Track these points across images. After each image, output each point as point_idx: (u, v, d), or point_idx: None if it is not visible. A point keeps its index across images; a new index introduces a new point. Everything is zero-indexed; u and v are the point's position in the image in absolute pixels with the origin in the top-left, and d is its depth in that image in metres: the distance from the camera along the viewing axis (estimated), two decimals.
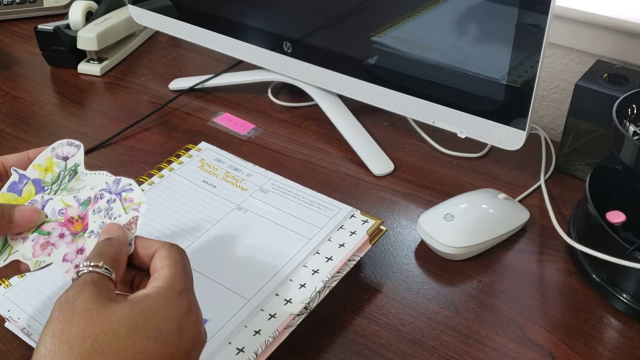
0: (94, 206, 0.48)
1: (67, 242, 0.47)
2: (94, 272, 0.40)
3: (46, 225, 0.47)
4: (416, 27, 0.69)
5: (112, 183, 0.48)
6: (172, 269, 0.41)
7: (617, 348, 0.56)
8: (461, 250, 0.63)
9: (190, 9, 0.90)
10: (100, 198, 0.48)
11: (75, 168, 0.50)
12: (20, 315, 0.55)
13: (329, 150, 0.82)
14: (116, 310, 0.37)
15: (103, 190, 0.48)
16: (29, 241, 0.47)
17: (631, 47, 0.78)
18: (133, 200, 0.47)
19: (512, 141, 0.67)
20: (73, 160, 0.50)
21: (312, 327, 0.57)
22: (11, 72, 1.01)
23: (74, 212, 0.48)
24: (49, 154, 0.51)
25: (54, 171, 0.50)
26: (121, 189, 0.48)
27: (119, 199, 0.48)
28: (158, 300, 0.39)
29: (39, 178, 0.50)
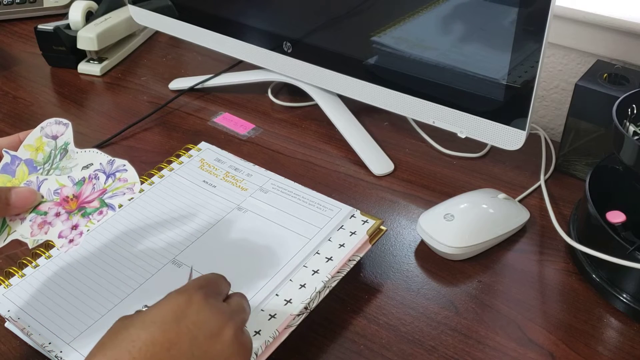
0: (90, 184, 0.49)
1: (63, 220, 0.48)
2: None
3: (42, 205, 0.48)
4: (416, 27, 0.69)
5: (107, 163, 0.49)
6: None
7: (617, 348, 0.56)
8: (461, 250, 0.63)
9: (190, 9, 0.90)
10: (95, 178, 0.49)
11: (66, 146, 0.51)
12: (20, 315, 0.55)
13: (329, 150, 0.82)
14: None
15: (97, 171, 0.49)
16: (27, 221, 0.48)
17: (631, 47, 0.78)
18: (127, 180, 0.49)
19: (512, 141, 0.67)
20: (63, 139, 0.51)
21: (312, 327, 0.57)
22: (11, 72, 1.01)
23: (68, 191, 0.49)
24: (38, 133, 0.51)
25: (45, 150, 0.51)
26: (115, 169, 0.49)
27: (113, 179, 0.49)
28: (158, 302, 0.42)
29: (30, 158, 0.50)
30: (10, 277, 0.59)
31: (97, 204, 0.48)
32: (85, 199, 0.49)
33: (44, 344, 0.53)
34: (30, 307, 0.56)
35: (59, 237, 0.47)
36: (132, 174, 0.49)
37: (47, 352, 0.53)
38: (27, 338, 0.55)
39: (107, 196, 0.48)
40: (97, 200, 0.49)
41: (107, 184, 0.49)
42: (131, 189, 0.48)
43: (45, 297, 0.57)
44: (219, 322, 0.42)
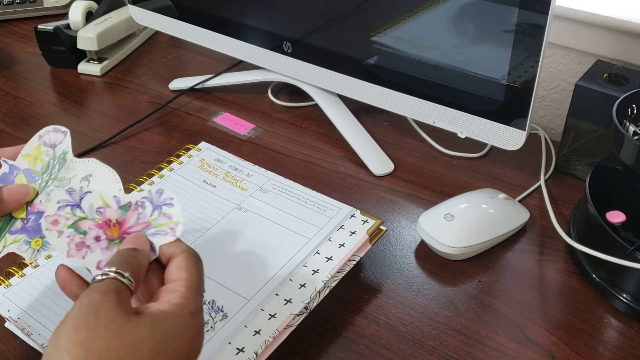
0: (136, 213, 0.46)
1: (102, 248, 0.45)
2: (118, 279, 0.40)
3: (83, 222, 0.45)
4: (416, 27, 0.69)
5: (155, 192, 0.46)
6: (187, 282, 0.41)
7: (617, 348, 0.56)
8: (461, 250, 0.63)
9: (190, 9, 0.90)
10: (142, 207, 0.46)
11: (64, 156, 0.49)
12: (20, 315, 0.55)
13: (329, 150, 0.82)
14: (139, 326, 0.37)
15: (145, 199, 0.46)
16: (64, 237, 0.45)
17: (631, 47, 0.78)
18: (172, 218, 0.45)
19: (512, 141, 0.67)
20: (61, 148, 0.50)
21: (312, 327, 0.57)
22: (11, 72, 1.01)
23: (112, 214, 0.46)
24: (36, 142, 0.50)
25: (43, 160, 0.49)
26: (162, 202, 0.46)
27: (159, 212, 0.46)
28: (175, 321, 0.39)
29: (29, 168, 0.49)
30: (10, 277, 0.59)
31: None
32: (128, 229, 0.46)
33: (44, 344, 0.53)
34: (30, 307, 0.56)
35: (97, 268, 0.45)
36: (177, 211, 0.46)
37: None
38: (27, 338, 0.55)
39: (150, 232, 0.45)
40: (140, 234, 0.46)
41: (152, 217, 0.46)
42: (173, 230, 0.45)
43: (45, 297, 0.57)
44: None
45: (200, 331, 0.41)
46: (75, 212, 0.45)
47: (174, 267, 0.43)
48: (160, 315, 0.39)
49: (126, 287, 0.40)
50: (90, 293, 0.38)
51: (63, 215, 0.45)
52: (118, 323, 0.37)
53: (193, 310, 0.41)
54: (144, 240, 0.44)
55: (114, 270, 0.40)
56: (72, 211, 0.45)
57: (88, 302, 0.38)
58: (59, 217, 0.45)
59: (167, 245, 0.44)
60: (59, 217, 0.45)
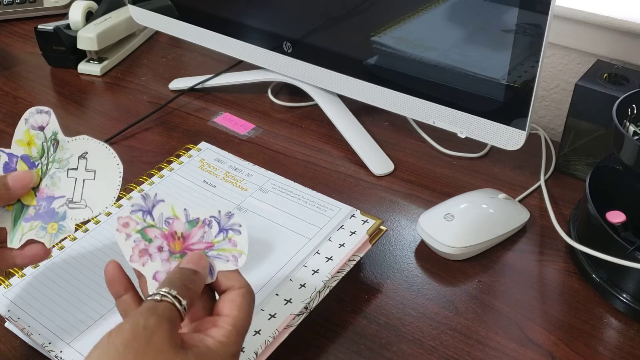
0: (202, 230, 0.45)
1: (163, 259, 0.45)
2: (175, 306, 0.39)
3: (150, 230, 0.45)
4: (416, 27, 0.69)
5: (224, 215, 0.45)
6: (236, 322, 0.41)
7: (617, 348, 0.56)
8: (461, 250, 0.63)
9: (190, 9, 0.90)
10: (208, 226, 0.46)
11: (55, 136, 0.50)
12: (20, 315, 0.55)
13: (329, 150, 0.82)
14: None
15: (213, 218, 0.45)
16: (131, 241, 0.45)
17: (631, 47, 0.78)
18: (236, 246, 0.45)
19: (512, 141, 0.67)
20: (50, 129, 0.50)
21: (312, 327, 0.57)
22: (11, 72, 1.01)
23: (179, 226, 0.45)
24: (24, 126, 0.51)
25: (37, 144, 0.50)
26: (230, 226, 0.45)
27: (224, 236, 0.45)
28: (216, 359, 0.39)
29: (25, 154, 0.50)
30: (10, 277, 0.59)
31: None
32: (192, 245, 0.45)
33: (44, 344, 0.53)
34: (30, 307, 0.56)
35: (153, 278, 0.45)
36: (243, 240, 0.45)
37: (47, 352, 0.53)
38: (27, 338, 0.55)
39: (212, 254, 0.45)
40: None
41: (217, 239, 0.45)
42: (236, 259, 0.44)
43: (45, 297, 0.57)
44: None
45: None
46: (145, 219, 0.45)
47: (228, 300, 0.42)
48: (205, 351, 0.39)
49: (179, 315, 0.40)
50: (147, 315, 0.38)
51: (134, 220, 0.45)
52: (167, 355, 0.37)
53: (235, 352, 0.40)
54: (206, 264, 0.44)
55: (174, 294, 0.40)
56: (143, 217, 0.45)
57: (144, 325, 0.37)
58: (130, 220, 0.45)
59: (227, 275, 0.44)
60: (130, 220, 0.45)
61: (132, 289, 0.45)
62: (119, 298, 0.45)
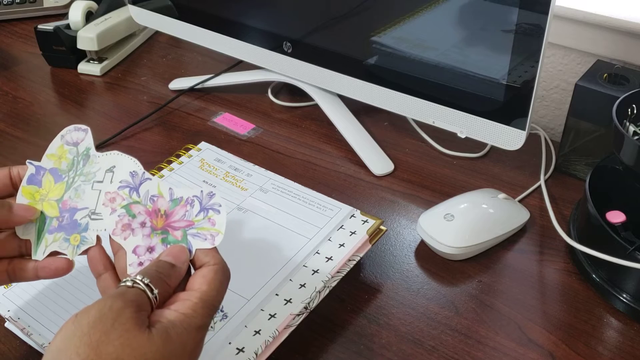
0: (184, 209, 0.47)
1: (145, 235, 0.46)
2: (145, 293, 0.40)
3: (135, 206, 0.47)
4: (416, 27, 0.69)
5: (206, 195, 0.47)
6: (203, 295, 0.41)
7: (617, 348, 0.56)
8: (461, 250, 0.63)
9: (190, 9, 0.90)
10: (191, 205, 0.47)
11: (87, 152, 0.50)
12: (21, 315, 0.55)
13: (329, 150, 0.82)
14: (150, 341, 0.38)
15: (195, 197, 0.47)
16: (115, 215, 0.47)
17: (631, 47, 0.78)
18: (214, 225, 0.46)
19: (512, 141, 0.67)
20: (84, 145, 0.50)
21: (312, 327, 0.57)
22: (11, 72, 1.01)
23: (163, 204, 0.47)
24: (59, 142, 0.51)
25: (68, 158, 0.50)
26: (211, 205, 0.47)
27: (205, 215, 0.46)
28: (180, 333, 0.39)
29: (54, 167, 0.50)
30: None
31: (179, 236, 0.46)
32: (173, 222, 0.47)
33: (44, 344, 0.53)
34: (30, 307, 0.56)
35: (132, 252, 0.46)
36: (222, 219, 0.46)
37: None
38: (27, 338, 0.55)
39: (191, 232, 0.46)
40: (181, 232, 0.46)
41: (198, 217, 0.46)
42: (213, 237, 0.46)
43: (45, 297, 0.57)
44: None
45: (200, 345, 0.41)
46: (132, 195, 0.47)
47: (200, 276, 0.43)
48: (169, 327, 0.39)
49: (149, 302, 0.40)
50: (115, 298, 0.39)
51: (120, 195, 0.47)
52: (132, 334, 0.37)
53: (199, 325, 0.41)
54: (185, 259, 0.45)
55: (147, 282, 0.41)
56: (130, 193, 0.47)
57: (110, 307, 0.38)
58: (117, 195, 0.47)
59: (203, 252, 0.45)
60: (117, 195, 0.47)
61: (112, 268, 0.46)
62: (100, 277, 0.46)
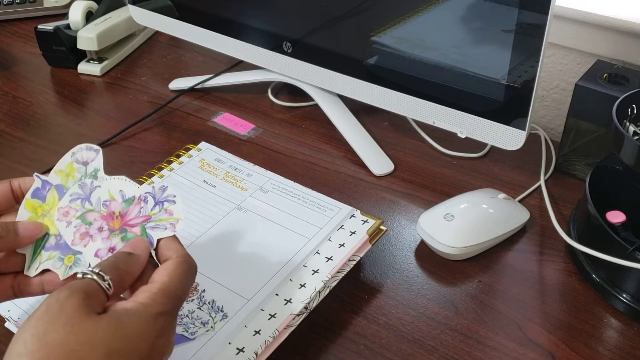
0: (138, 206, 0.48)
1: (103, 238, 0.47)
2: (95, 281, 0.40)
3: (90, 214, 0.48)
4: (416, 27, 0.69)
5: (158, 189, 0.48)
6: (163, 286, 0.42)
7: (617, 348, 0.56)
8: (461, 250, 0.63)
9: (191, 9, 0.90)
10: (144, 201, 0.48)
11: (95, 173, 0.50)
12: (20, 315, 0.55)
13: (329, 150, 0.82)
14: (98, 325, 0.38)
15: (148, 194, 0.48)
16: (72, 227, 0.48)
17: (631, 47, 0.78)
18: (172, 214, 0.47)
19: (512, 141, 0.67)
20: (93, 165, 0.50)
21: (312, 327, 0.57)
22: (11, 72, 1.01)
23: (117, 207, 0.48)
24: (69, 159, 0.51)
25: (75, 177, 0.50)
26: (164, 198, 0.48)
27: (160, 208, 0.48)
28: (136, 321, 0.39)
29: (61, 184, 0.50)
30: None
31: (138, 231, 0.47)
32: (129, 221, 0.48)
33: None
34: (30, 307, 0.56)
35: (95, 256, 0.47)
36: (179, 208, 0.48)
37: None
38: None
39: (150, 225, 0.47)
40: (140, 227, 0.47)
41: (154, 211, 0.47)
42: (173, 226, 0.47)
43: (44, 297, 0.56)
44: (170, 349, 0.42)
45: (165, 334, 0.41)
46: (84, 205, 0.48)
47: (162, 269, 0.43)
48: (122, 313, 0.39)
49: (101, 290, 0.40)
50: (61, 290, 0.39)
51: (73, 207, 0.48)
52: (77, 320, 0.37)
53: (158, 312, 0.40)
54: (145, 246, 0.45)
55: (96, 271, 0.41)
56: (82, 204, 0.48)
57: (56, 298, 0.38)
58: (70, 208, 0.48)
59: (167, 247, 0.45)
60: (70, 208, 0.48)
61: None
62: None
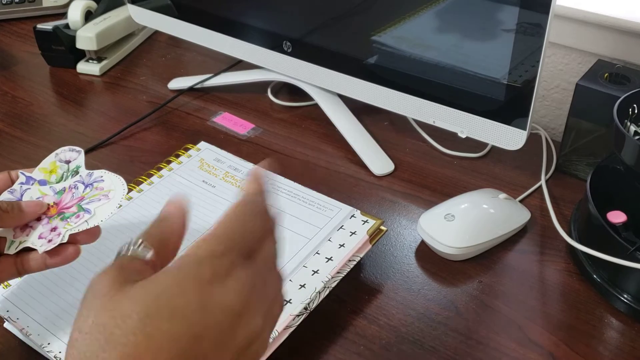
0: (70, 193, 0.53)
1: (43, 224, 0.51)
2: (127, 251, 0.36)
3: None
4: (416, 27, 0.69)
5: (86, 175, 0.53)
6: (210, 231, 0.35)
7: (617, 348, 0.56)
8: (462, 250, 0.63)
9: (190, 9, 0.90)
10: (75, 188, 0.53)
11: (77, 169, 0.54)
12: (19, 315, 0.55)
13: (329, 150, 0.81)
14: (129, 294, 0.33)
15: (77, 182, 0.53)
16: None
17: (632, 46, 0.78)
18: (104, 189, 0.52)
19: (512, 141, 0.66)
20: (75, 163, 0.55)
21: (312, 327, 0.57)
22: (10, 72, 1.01)
23: (50, 199, 0.52)
24: (52, 158, 0.55)
25: (58, 173, 0.54)
26: (93, 180, 0.53)
27: (91, 188, 0.53)
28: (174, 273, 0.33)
29: (44, 179, 0.54)
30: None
31: (75, 209, 0.52)
32: (65, 206, 0.52)
33: (42, 344, 0.53)
34: (29, 308, 0.56)
35: (39, 238, 0.50)
36: (108, 182, 0.53)
37: (46, 353, 0.53)
38: (26, 338, 0.55)
39: (84, 202, 0.52)
40: (75, 206, 0.52)
41: (85, 192, 0.52)
42: (106, 196, 0.52)
43: (44, 297, 0.56)
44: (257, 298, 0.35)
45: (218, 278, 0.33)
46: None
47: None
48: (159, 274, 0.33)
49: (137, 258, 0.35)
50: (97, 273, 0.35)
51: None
52: (108, 296, 0.33)
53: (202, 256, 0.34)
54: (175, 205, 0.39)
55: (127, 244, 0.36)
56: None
57: (91, 283, 0.34)
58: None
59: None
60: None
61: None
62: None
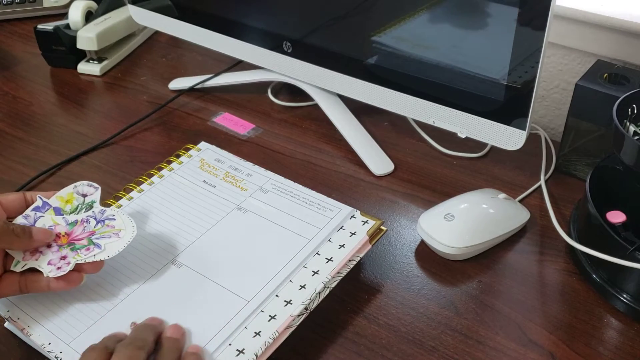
0: (81, 226, 0.56)
1: (53, 251, 0.54)
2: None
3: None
4: (416, 27, 0.69)
5: (98, 212, 0.57)
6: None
7: (617, 348, 0.56)
8: (461, 250, 0.63)
9: (190, 9, 0.90)
10: (87, 222, 0.56)
11: (92, 204, 0.58)
12: (20, 315, 0.55)
13: (329, 150, 0.82)
14: None
15: (89, 217, 0.57)
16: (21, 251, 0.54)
17: (631, 47, 0.78)
18: (115, 227, 0.56)
19: (512, 141, 0.67)
20: (91, 198, 0.59)
21: (312, 327, 0.57)
22: (11, 72, 1.01)
23: (61, 228, 0.56)
24: (70, 189, 0.59)
25: (73, 204, 0.58)
26: (105, 218, 0.57)
27: (102, 225, 0.56)
28: None
29: (59, 207, 0.58)
30: None
31: (85, 242, 0.55)
32: (76, 237, 0.55)
33: (43, 344, 0.53)
34: (30, 307, 0.56)
35: (48, 264, 0.53)
36: (119, 222, 0.56)
37: (47, 353, 0.53)
38: (27, 338, 0.55)
39: (95, 237, 0.55)
40: (86, 239, 0.55)
41: (97, 227, 0.56)
42: (117, 234, 0.55)
43: (45, 297, 0.56)
44: None
45: None
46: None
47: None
48: None
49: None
50: None
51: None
52: None
53: None
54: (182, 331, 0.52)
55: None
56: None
57: None
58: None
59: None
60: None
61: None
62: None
